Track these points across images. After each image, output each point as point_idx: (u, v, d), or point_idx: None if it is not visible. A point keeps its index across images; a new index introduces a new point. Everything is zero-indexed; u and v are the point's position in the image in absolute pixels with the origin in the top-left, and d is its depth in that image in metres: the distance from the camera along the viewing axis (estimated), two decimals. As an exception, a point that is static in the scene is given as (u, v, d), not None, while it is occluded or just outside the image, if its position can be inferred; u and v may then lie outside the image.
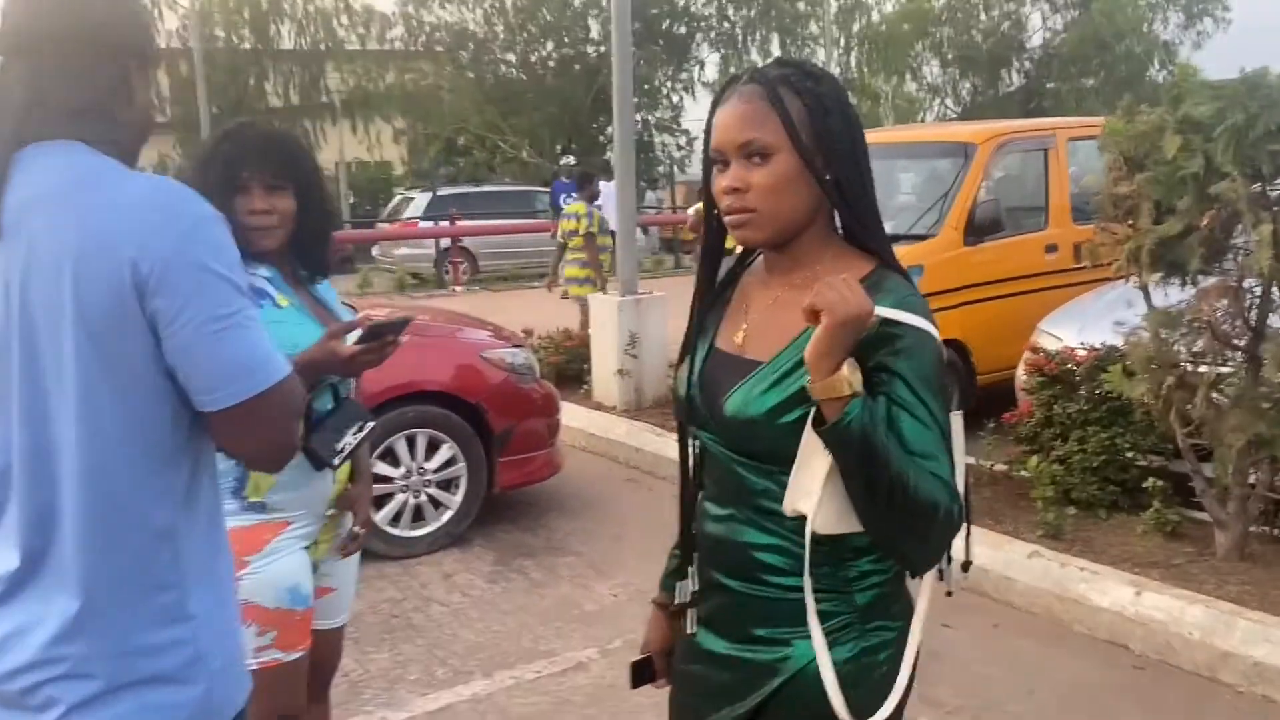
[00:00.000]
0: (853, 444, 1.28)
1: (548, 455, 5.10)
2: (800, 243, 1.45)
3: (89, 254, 1.22)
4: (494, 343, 5.04)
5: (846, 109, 1.43)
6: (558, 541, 4.93)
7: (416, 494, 4.75)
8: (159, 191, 1.28)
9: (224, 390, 1.27)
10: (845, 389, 1.28)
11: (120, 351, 1.24)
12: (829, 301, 1.27)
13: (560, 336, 7.78)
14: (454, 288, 16.16)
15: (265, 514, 2.09)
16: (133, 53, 1.37)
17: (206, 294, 1.25)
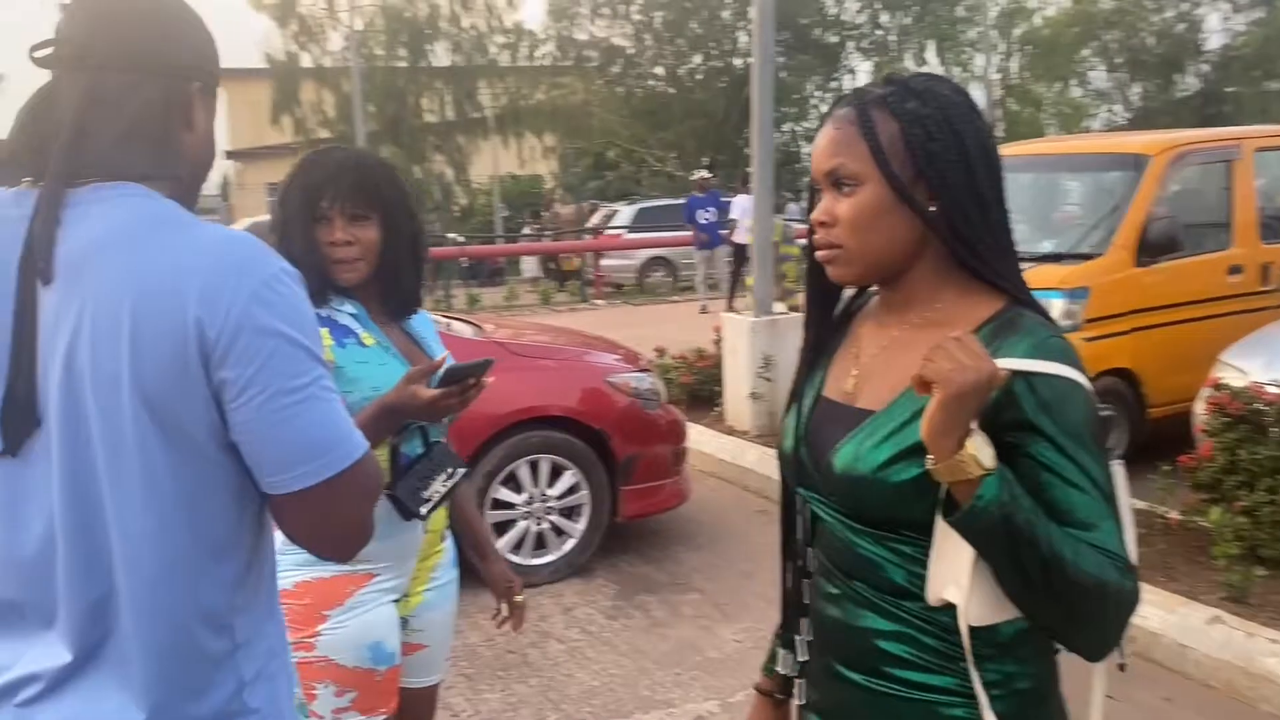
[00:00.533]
0: (991, 530, 1.12)
1: (673, 484, 4.89)
2: (910, 279, 1.30)
3: (149, 315, 1.08)
4: (620, 367, 4.86)
5: (961, 130, 1.24)
6: (682, 576, 4.71)
7: (538, 521, 4.62)
8: (229, 245, 1.14)
9: (294, 471, 1.12)
10: (974, 469, 1.11)
11: (180, 424, 1.10)
12: (941, 372, 1.10)
13: (693, 356, 7.55)
14: (595, 301, 16.19)
15: (349, 565, 1.90)
16: (196, 75, 1.22)
17: (279, 362, 1.11)
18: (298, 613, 1.89)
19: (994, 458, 1.12)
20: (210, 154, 1.28)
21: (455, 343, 4.55)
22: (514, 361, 4.56)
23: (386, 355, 1.96)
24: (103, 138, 1.15)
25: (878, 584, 1.25)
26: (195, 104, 1.22)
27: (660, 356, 7.65)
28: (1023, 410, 1.15)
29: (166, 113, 1.19)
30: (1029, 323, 1.21)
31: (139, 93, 1.17)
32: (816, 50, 27.60)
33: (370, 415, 1.80)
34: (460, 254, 15.74)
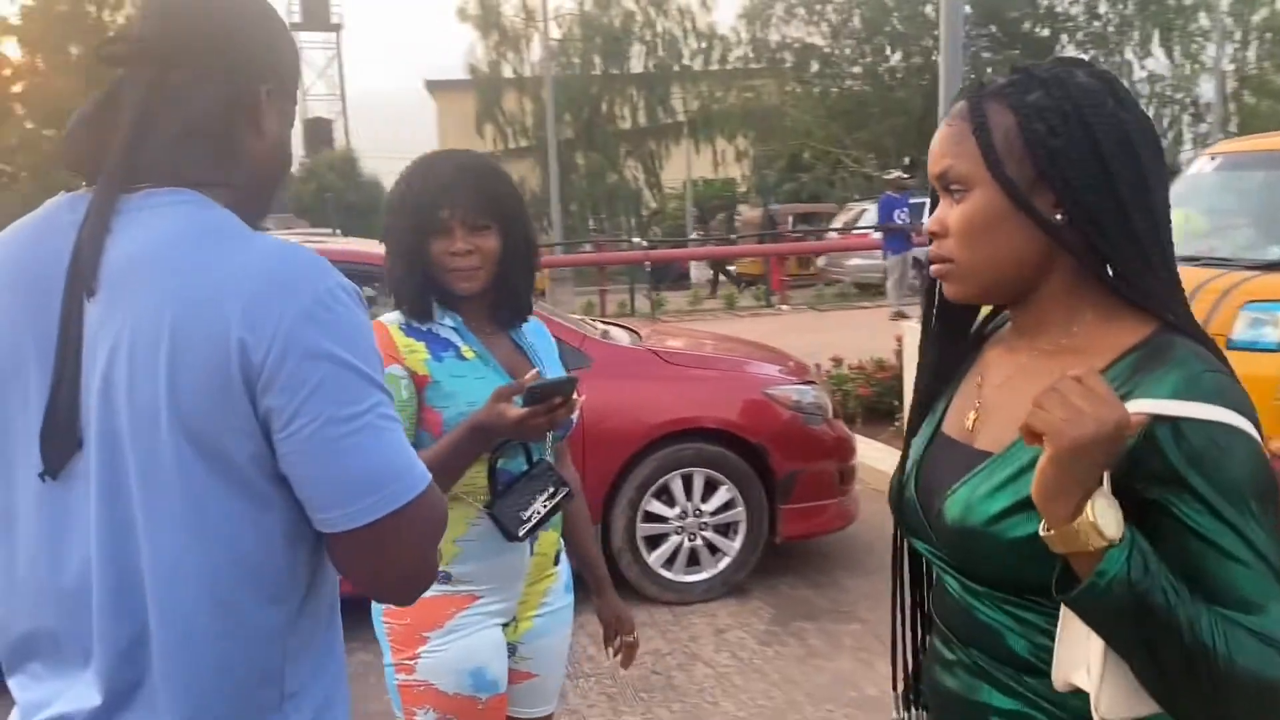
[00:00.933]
0: (1116, 613, 0.93)
1: (838, 505, 4.59)
2: (1040, 299, 1.13)
3: (189, 335, 0.99)
4: (781, 378, 4.60)
5: (1093, 123, 1.06)
6: (845, 604, 4.41)
7: (692, 537, 4.43)
8: (279, 260, 1.04)
9: (347, 508, 1.02)
10: (1093, 540, 0.92)
11: (223, 453, 1.01)
12: (1052, 423, 0.92)
13: (872, 366, 7.17)
14: (781, 306, 15.87)
15: (450, 586, 1.85)
16: (266, 76, 1.14)
17: (331, 389, 1.00)
18: (398, 633, 1.85)
19: (1121, 525, 0.93)
20: (282, 162, 1.20)
21: (610, 351, 4.44)
22: (668, 370, 4.40)
23: (485, 368, 1.87)
24: (161, 139, 1.08)
25: (997, 654, 1.10)
26: (265, 108, 1.14)
27: (837, 366, 7.32)
28: (1167, 461, 0.96)
29: (230, 115, 1.11)
30: (1181, 353, 1.02)
31: (203, 92, 1.09)
32: (1027, 44, 26.18)
33: (461, 434, 1.74)
34: (644, 258, 15.77)
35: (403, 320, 1.86)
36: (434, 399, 1.80)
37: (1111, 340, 1.07)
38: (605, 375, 4.22)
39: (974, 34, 25.64)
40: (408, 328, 1.85)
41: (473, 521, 1.83)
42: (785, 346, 5.91)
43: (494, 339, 1.94)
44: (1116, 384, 1.01)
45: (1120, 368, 1.04)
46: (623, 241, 16.96)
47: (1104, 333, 1.09)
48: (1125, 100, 1.08)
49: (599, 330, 4.78)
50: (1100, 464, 0.93)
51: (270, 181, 1.19)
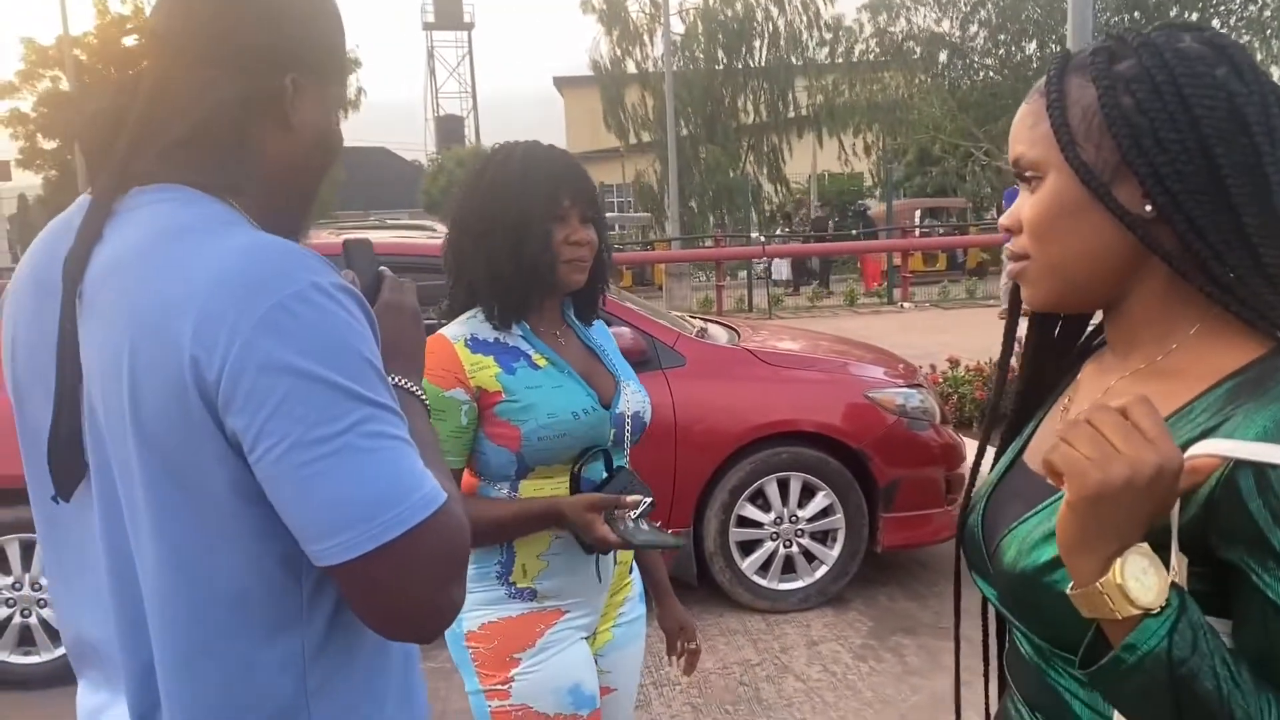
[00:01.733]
0: (1149, 695, 0.78)
1: (944, 515, 4.36)
2: (1130, 309, 0.97)
3: (145, 350, 0.90)
4: (885, 381, 4.40)
5: (1192, 99, 0.88)
6: (947, 619, 4.19)
7: (788, 543, 4.28)
8: (241, 262, 0.91)
9: (330, 541, 0.89)
10: (1120, 606, 0.78)
11: (195, 476, 0.91)
12: (1074, 462, 0.78)
13: (990, 369, 6.84)
14: (902, 304, 15.44)
15: (536, 602, 1.77)
16: (291, 64, 1.03)
17: (295, 407, 0.88)
18: (486, 658, 1.75)
19: (1163, 591, 0.78)
20: (323, 152, 1.09)
21: (705, 349, 4.33)
22: (765, 371, 4.26)
23: (561, 376, 1.76)
24: (164, 141, 1.00)
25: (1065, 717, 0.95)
26: (291, 99, 1.03)
27: (953, 368, 7.01)
28: (1248, 516, 0.78)
29: (244, 113, 1.02)
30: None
31: (213, 90, 1.00)
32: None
33: (538, 512, 1.69)
34: (760, 254, 15.56)
35: (467, 334, 1.74)
36: (510, 413, 1.70)
37: (1214, 362, 0.90)
38: (699, 375, 4.11)
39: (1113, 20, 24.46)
40: (473, 342, 1.73)
41: (557, 534, 1.75)
42: (904, 346, 5.71)
43: (564, 342, 1.84)
44: (1206, 415, 0.86)
45: (1213, 396, 0.88)
46: (741, 237, 16.71)
47: (1207, 352, 0.91)
48: (1243, 70, 0.89)
49: (695, 328, 4.67)
50: (1137, 516, 0.78)
51: (307, 179, 1.10)
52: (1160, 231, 0.90)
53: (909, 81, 26.15)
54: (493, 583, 1.75)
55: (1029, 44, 25.96)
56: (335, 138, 1.11)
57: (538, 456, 1.71)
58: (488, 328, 1.76)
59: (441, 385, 1.68)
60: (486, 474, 1.75)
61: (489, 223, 1.72)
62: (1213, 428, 0.84)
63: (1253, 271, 0.88)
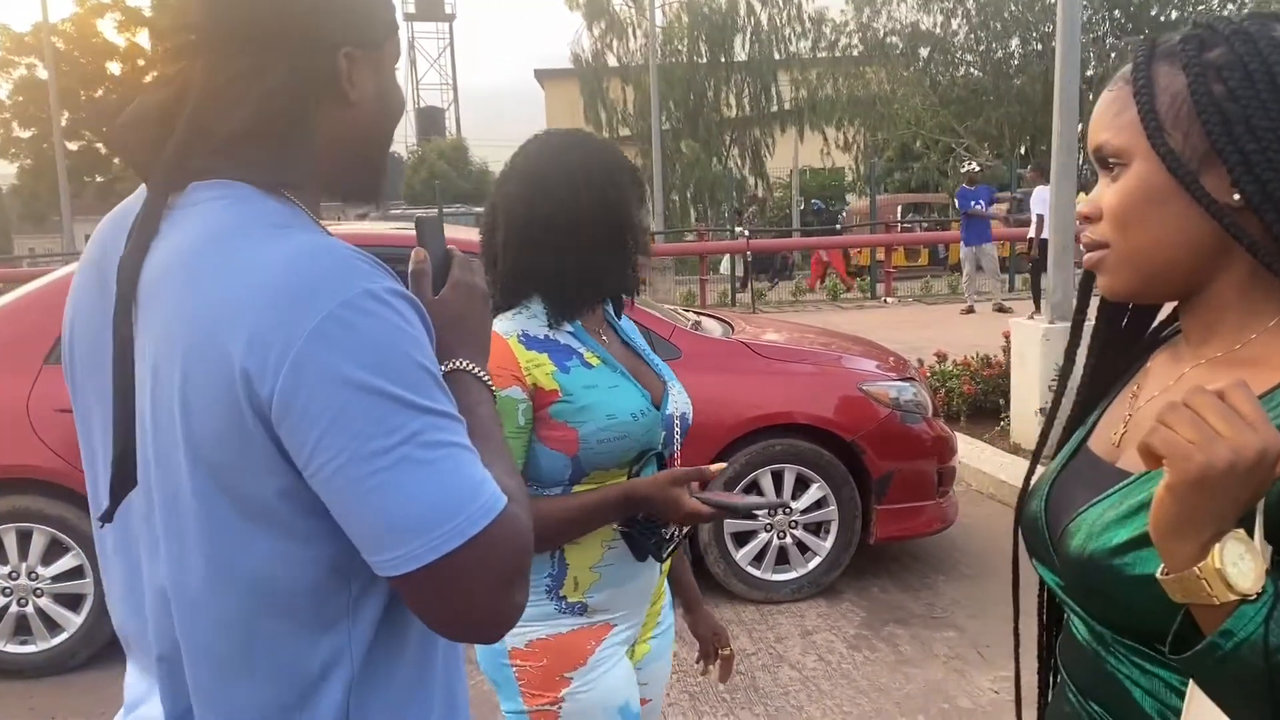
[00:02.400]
0: (1244, 684, 0.77)
1: (936, 507, 4.41)
2: (1209, 298, 0.97)
3: (197, 361, 0.89)
4: (878, 374, 4.44)
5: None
6: (940, 610, 4.24)
7: (782, 535, 4.32)
8: (293, 270, 0.89)
9: (392, 554, 0.89)
10: (1218, 591, 0.77)
11: (247, 487, 0.90)
12: (1175, 445, 0.76)
13: (978, 363, 6.90)
14: (886, 299, 15.51)
15: (586, 617, 1.67)
16: (343, 38, 0.99)
17: (351, 420, 0.86)
18: (534, 676, 1.65)
19: (1261, 577, 0.77)
20: (386, 117, 1.06)
21: (701, 342, 4.35)
22: (759, 364, 4.29)
23: (615, 375, 1.67)
24: (218, 136, 0.96)
25: (1122, 712, 0.95)
26: (348, 73, 1.00)
27: (941, 362, 7.07)
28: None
29: (298, 97, 0.98)
30: None
31: (263, 80, 0.96)
32: (1155, 30, 25.02)
33: (616, 499, 1.58)
34: (745, 248, 15.60)
35: (519, 330, 1.63)
36: (566, 414, 1.59)
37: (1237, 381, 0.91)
38: (694, 367, 4.12)
39: (1096, 19, 24.63)
40: (526, 339, 1.62)
41: (609, 544, 1.66)
42: (889, 341, 5.74)
43: (607, 341, 1.75)
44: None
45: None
46: (724, 231, 16.74)
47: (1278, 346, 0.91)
48: None
49: (690, 321, 4.69)
50: (1238, 500, 0.77)
51: (375, 142, 1.06)
52: (1247, 221, 0.89)
53: (891, 76, 26.25)
54: (541, 597, 1.64)
55: (1011, 40, 26.10)
56: (396, 98, 1.07)
57: (595, 460, 1.60)
58: (537, 324, 1.65)
59: (498, 384, 1.53)
60: (538, 480, 1.61)
61: (581, 215, 1.61)
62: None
63: None
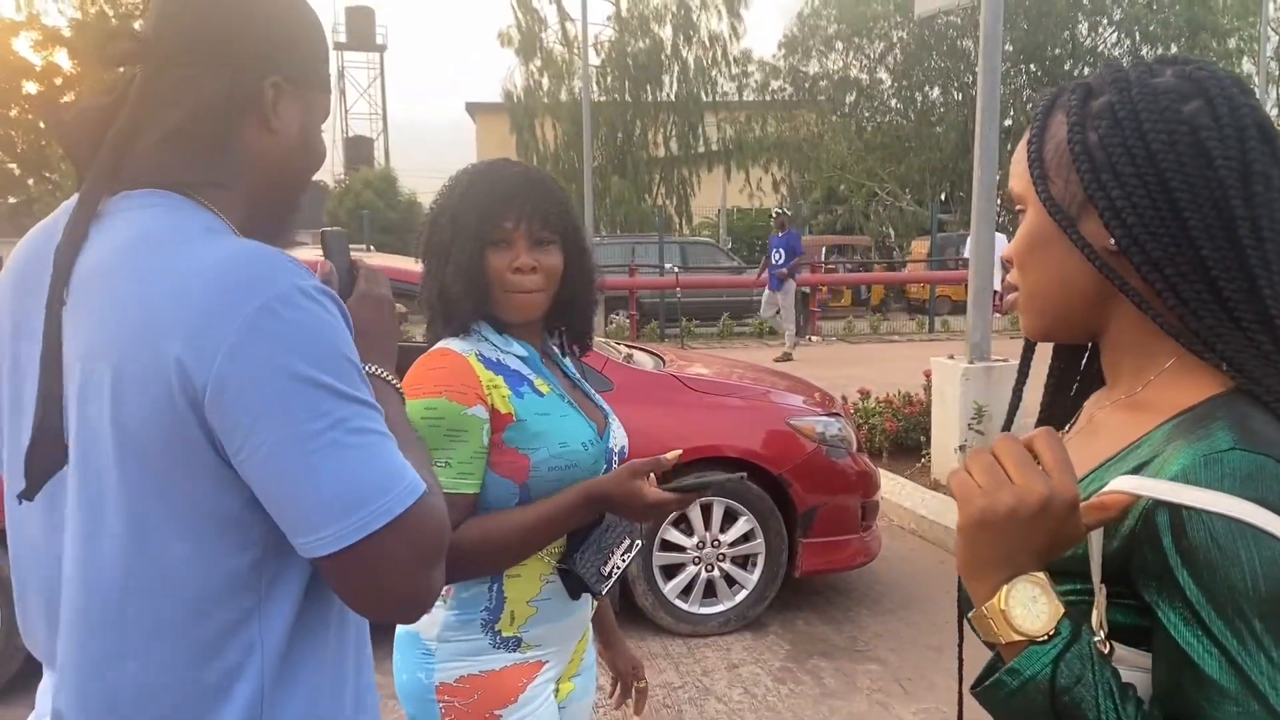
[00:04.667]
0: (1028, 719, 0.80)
1: (860, 541, 4.48)
2: (1110, 341, 0.99)
3: (130, 349, 0.94)
4: (805, 409, 4.51)
5: (1151, 133, 0.88)
6: (863, 643, 4.30)
7: (710, 568, 4.34)
8: (227, 267, 0.95)
9: (316, 535, 0.94)
10: (1002, 630, 0.81)
11: (176, 477, 0.95)
12: (965, 489, 0.82)
13: (900, 401, 7.06)
14: (810, 337, 15.76)
15: (520, 653, 1.62)
16: (272, 68, 1.07)
17: (283, 407, 0.92)
18: (462, 713, 1.60)
19: (1052, 619, 0.80)
20: (304, 158, 1.13)
21: (633, 375, 4.38)
22: (690, 397, 4.33)
23: (563, 404, 1.64)
24: (150, 139, 1.03)
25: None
26: (273, 101, 1.07)
27: (864, 399, 7.21)
28: (1160, 554, 0.80)
29: (225, 112, 1.05)
30: (1221, 423, 0.83)
31: (196, 88, 1.04)
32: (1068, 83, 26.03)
33: (577, 500, 1.55)
34: (675, 284, 15.73)
35: (476, 350, 1.60)
36: (518, 440, 1.55)
37: (1175, 397, 0.91)
38: (626, 399, 4.14)
39: (1013, 72, 25.56)
40: (484, 359, 1.59)
41: (548, 578, 1.63)
42: (813, 378, 5.84)
43: (550, 371, 1.71)
44: (1149, 449, 0.88)
45: (1161, 432, 0.88)
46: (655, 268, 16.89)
47: (1173, 387, 0.92)
48: (1217, 104, 0.88)
49: (623, 354, 4.72)
50: (1029, 544, 0.80)
51: (289, 181, 1.13)
52: (1124, 266, 0.91)
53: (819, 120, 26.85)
54: (475, 632, 1.60)
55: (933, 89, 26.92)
56: (317, 145, 1.15)
57: (543, 488, 1.57)
58: (489, 346, 1.62)
59: (463, 402, 1.52)
60: (484, 505, 1.57)
61: (426, 250, 1.65)
62: (1145, 463, 0.85)
63: (1214, 307, 0.88)
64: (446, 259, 1.61)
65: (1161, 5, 24.74)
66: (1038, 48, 25.34)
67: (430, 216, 1.67)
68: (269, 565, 1.00)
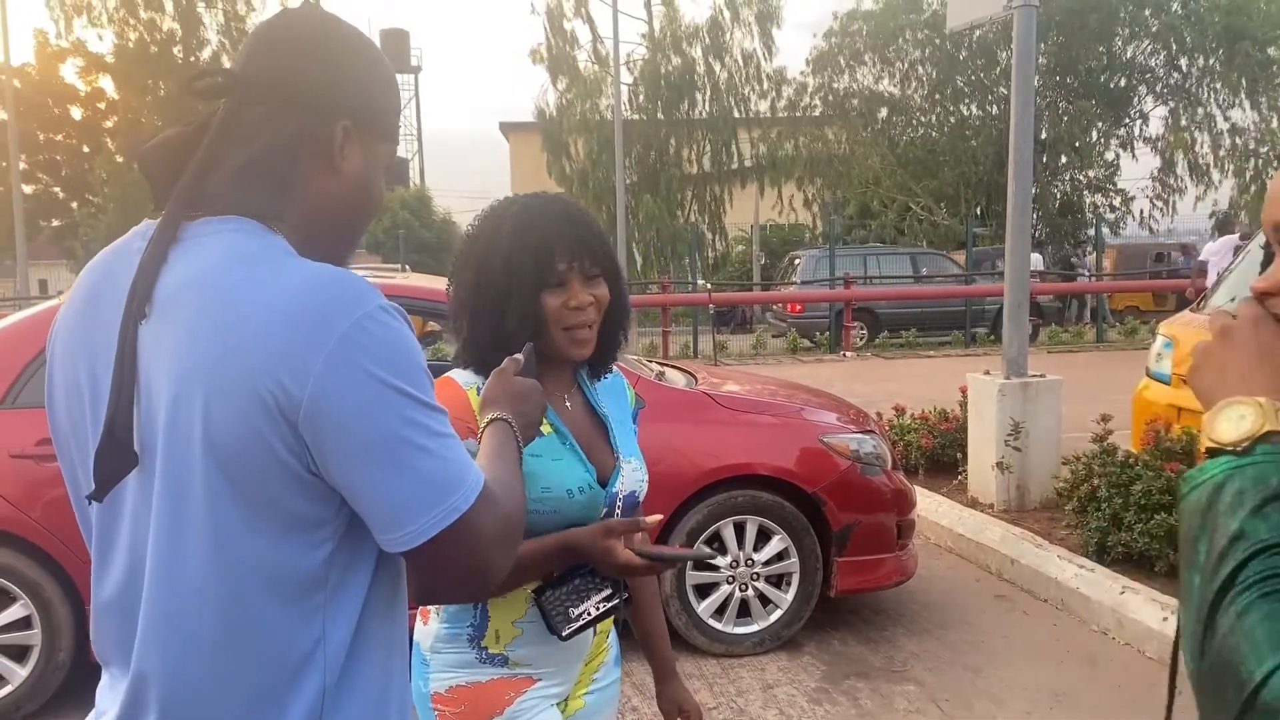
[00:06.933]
0: (1185, 531, 0.83)
1: (896, 560, 4.43)
2: None
3: (221, 364, 1.01)
4: (838, 426, 4.48)
5: None
6: (900, 663, 4.24)
7: (743, 587, 4.31)
8: (317, 285, 1.04)
9: (402, 530, 1.04)
10: (1201, 441, 0.89)
11: (258, 484, 1.03)
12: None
13: (936, 417, 6.97)
14: (844, 353, 15.67)
15: (507, 669, 1.66)
16: (344, 113, 1.14)
17: (376, 412, 1.02)
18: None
19: (1244, 433, 0.84)
20: (364, 202, 1.19)
21: (664, 392, 4.37)
22: (722, 415, 4.31)
23: (562, 448, 1.65)
24: (226, 170, 1.10)
25: None
26: (340, 144, 1.14)
27: (899, 416, 7.13)
28: None
29: (294, 150, 1.12)
30: None
31: (272, 125, 1.11)
32: (1103, 96, 25.80)
33: (550, 549, 1.58)
34: (707, 301, 15.72)
35: (479, 383, 1.62)
36: None
37: None
38: (658, 418, 4.14)
39: (1048, 85, 25.35)
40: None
41: (533, 602, 1.66)
42: (848, 394, 5.79)
43: (569, 407, 1.72)
44: None
45: None
46: (687, 284, 16.93)
47: None
48: None
49: (654, 371, 4.72)
50: (1239, 368, 0.88)
51: (347, 220, 1.19)
52: None
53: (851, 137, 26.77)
54: (464, 645, 1.65)
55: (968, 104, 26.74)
56: (377, 191, 1.21)
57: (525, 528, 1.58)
58: None
59: (462, 430, 1.48)
60: None
61: (476, 293, 1.65)
62: None
63: None
64: (505, 304, 1.62)
65: (1199, 15, 24.42)
66: (1073, 60, 25.12)
67: (475, 257, 1.66)
68: (337, 563, 1.07)
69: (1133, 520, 4.73)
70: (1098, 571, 4.73)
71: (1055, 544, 5.15)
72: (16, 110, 21.93)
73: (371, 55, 1.17)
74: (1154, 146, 27.11)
